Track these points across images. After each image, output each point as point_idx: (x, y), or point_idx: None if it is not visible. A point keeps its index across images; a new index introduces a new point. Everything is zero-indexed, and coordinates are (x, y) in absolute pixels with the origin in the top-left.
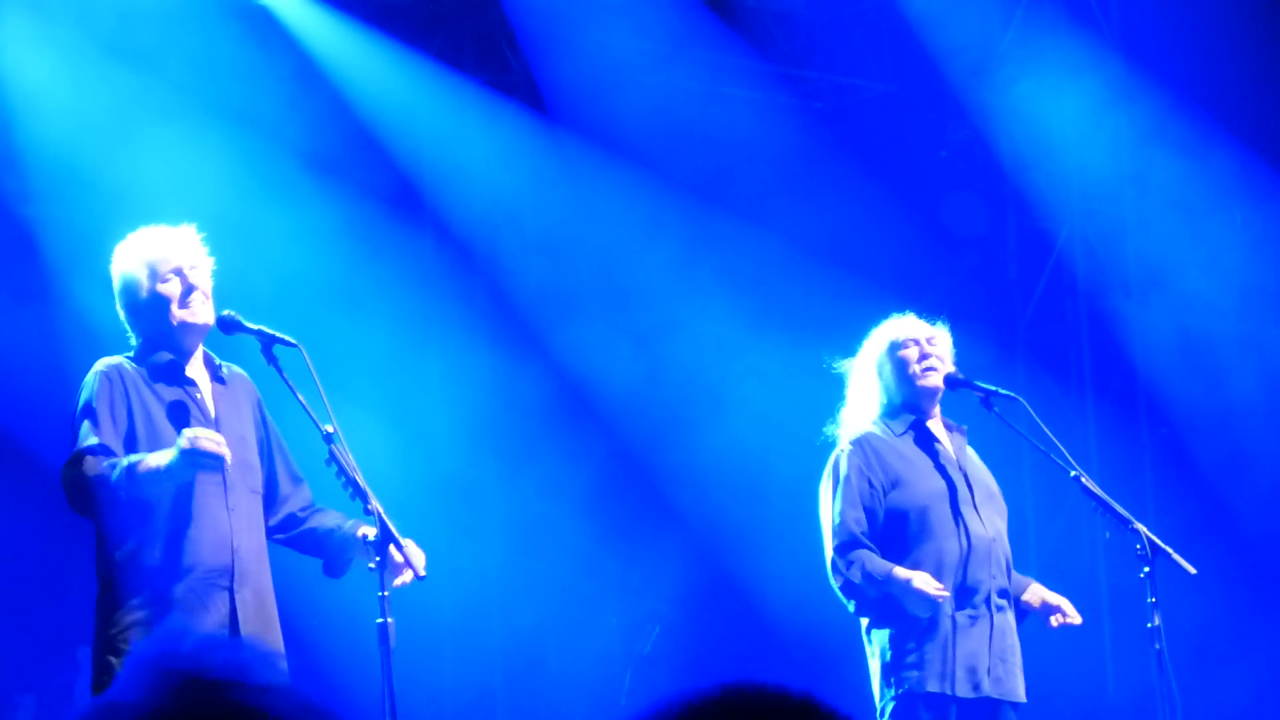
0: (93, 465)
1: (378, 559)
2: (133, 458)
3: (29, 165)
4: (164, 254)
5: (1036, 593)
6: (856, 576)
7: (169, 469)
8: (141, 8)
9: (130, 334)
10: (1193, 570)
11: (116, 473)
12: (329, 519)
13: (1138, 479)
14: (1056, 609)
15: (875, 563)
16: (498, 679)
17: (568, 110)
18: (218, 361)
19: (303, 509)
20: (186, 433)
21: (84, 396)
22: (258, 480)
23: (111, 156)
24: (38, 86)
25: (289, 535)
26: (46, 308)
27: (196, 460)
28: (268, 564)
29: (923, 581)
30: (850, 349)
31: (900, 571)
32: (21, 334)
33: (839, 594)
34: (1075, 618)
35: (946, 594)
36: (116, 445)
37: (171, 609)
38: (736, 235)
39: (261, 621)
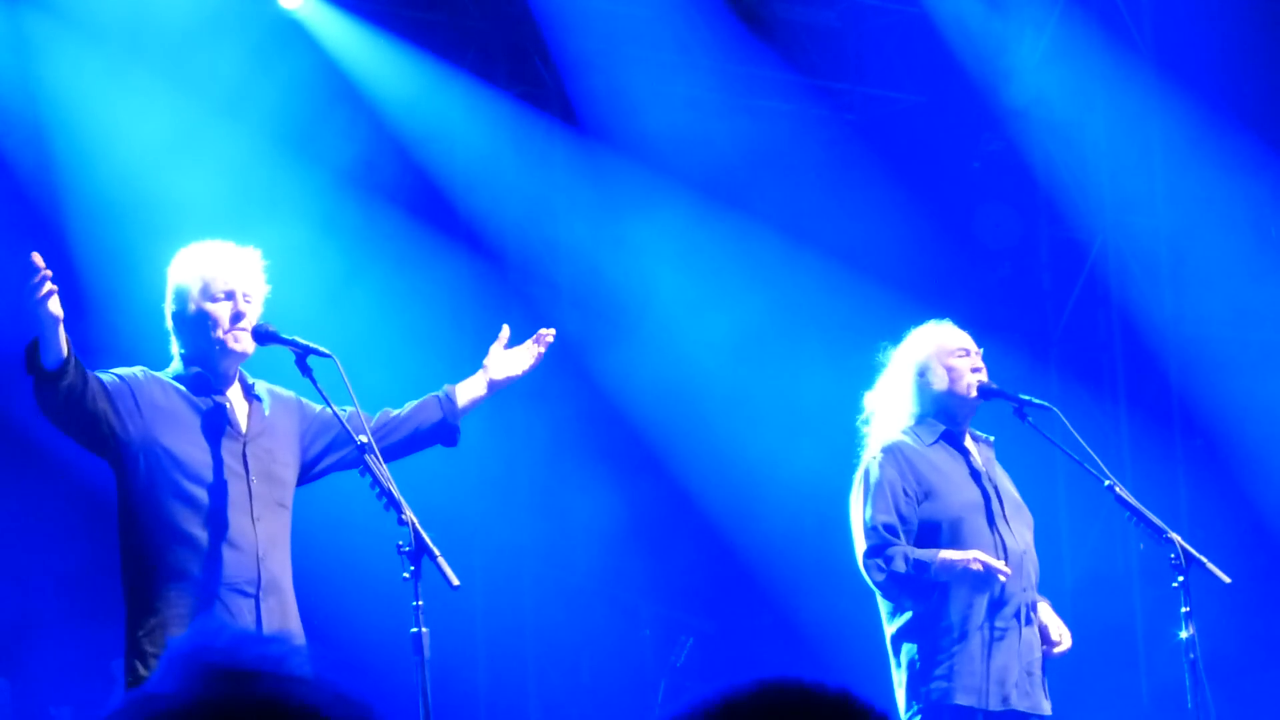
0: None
1: (412, 569)
2: None
3: (68, 180)
4: (221, 273)
5: (1042, 614)
6: (900, 566)
7: None
8: (177, 24)
9: (172, 339)
10: (1227, 579)
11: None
12: (409, 409)
13: (1171, 488)
14: (1056, 642)
15: (917, 551)
16: (531, 690)
17: (600, 123)
18: (250, 380)
19: (385, 421)
20: None
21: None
22: (285, 494)
23: (146, 169)
24: (77, 101)
25: (393, 443)
26: (84, 327)
27: None
28: (290, 575)
29: (978, 559)
30: (882, 361)
31: (947, 553)
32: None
33: (879, 591)
34: (1064, 647)
35: (1009, 571)
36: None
37: (200, 613)
38: (769, 247)
39: (286, 630)
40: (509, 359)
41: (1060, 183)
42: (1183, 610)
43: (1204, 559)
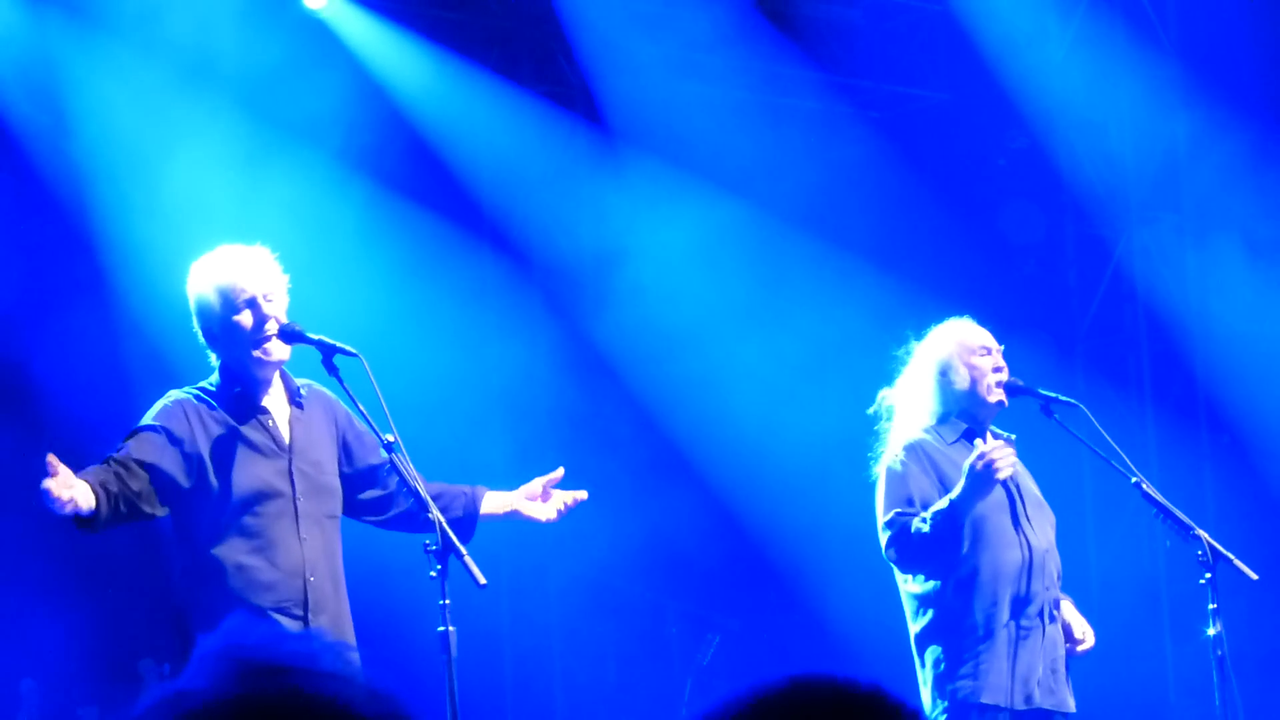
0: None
1: (439, 568)
2: None
3: (90, 179)
4: (238, 282)
5: (1065, 612)
6: (926, 522)
7: None
8: (202, 25)
9: (208, 352)
10: (1254, 576)
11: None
12: (434, 491)
13: (1197, 484)
14: (1079, 640)
15: (928, 508)
16: (557, 689)
17: (624, 122)
18: (295, 384)
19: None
20: None
21: (144, 418)
22: (335, 505)
23: (168, 168)
24: (101, 101)
25: (412, 527)
26: (111, 330)
27: None
28: (344, 589)
29: (983, 451)
30: (904, 358)
31: (956, 487)
32: (86, 353)
33: (908, 564)
34: (1087, 644)
35: (1011, 453)
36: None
37: None
38: (794, 245)
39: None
40: (539, 503)
41: (1085, 180)
42: (1209, 607)
43: (1231, 555)
